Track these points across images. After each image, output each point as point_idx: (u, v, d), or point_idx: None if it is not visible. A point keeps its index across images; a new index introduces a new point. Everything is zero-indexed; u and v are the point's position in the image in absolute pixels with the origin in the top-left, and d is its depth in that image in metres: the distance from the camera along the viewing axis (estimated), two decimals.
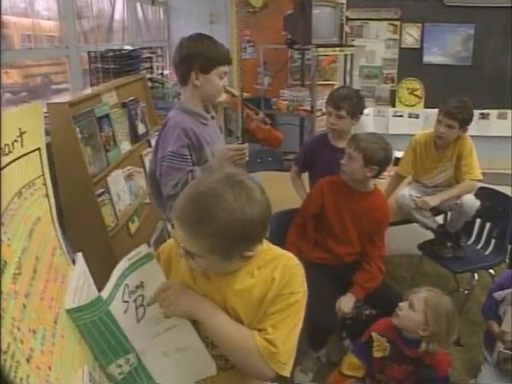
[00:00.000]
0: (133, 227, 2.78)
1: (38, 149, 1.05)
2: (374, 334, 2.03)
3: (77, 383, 0.96)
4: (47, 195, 1.10)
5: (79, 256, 1.22)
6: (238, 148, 1.91)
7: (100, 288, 1.47)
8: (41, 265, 0.98)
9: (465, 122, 2.65)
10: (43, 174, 1.08)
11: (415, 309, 1.91)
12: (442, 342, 1.93)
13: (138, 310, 1.21)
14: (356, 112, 2.50)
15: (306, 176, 2.85)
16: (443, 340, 1.92)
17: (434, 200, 2.69)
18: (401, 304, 1.97)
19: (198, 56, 1.83)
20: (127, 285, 1.19)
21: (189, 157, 1.85)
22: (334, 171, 2.33)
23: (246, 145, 1.95)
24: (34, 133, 1.01)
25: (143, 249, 1.23)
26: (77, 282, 1.16)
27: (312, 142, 2.85)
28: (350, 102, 2.46)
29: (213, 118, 2.05)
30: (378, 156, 2.15)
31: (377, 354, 2.02)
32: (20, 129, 0.96)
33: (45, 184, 1.08)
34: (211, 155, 1.93)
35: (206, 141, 1.91)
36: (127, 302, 1.18)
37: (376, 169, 2.17)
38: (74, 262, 1.21)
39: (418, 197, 2.78)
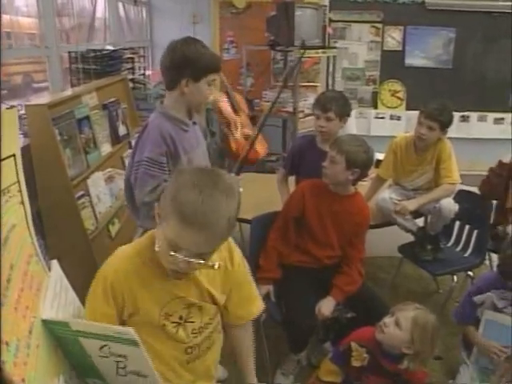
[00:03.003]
0: (113, 230, 2.76)
1: (13, 155, 1.03)
2: (353, 344, 2.00)
3: None
4: (22, 202, 1.08)
5: (54, 263, 1.20)
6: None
7: (80, 293, 1.46)
8: (15, 273, 0.96)
9: (445, 125, 2.67)
10: (18, 181, 1.06)
11: (402, 328, 1.87)
12: (423, 360, 1.92)
13: (118, 368, 1.13)
14: (343, 113, 2.52)
15: (292, 179, 2.84)
16: (426, 358, 1.92)
17: (412, 204, 2.71)
18: (386, 320, 1.92)
19: (190, 64, 1.79)
20: (108, 346, 1.09)
21: (165, 165, 1.82)
22: (320, 175, 2.33)
23: (240, 177, 1.98)
24: (9, 139, 1.00)
25: (130, 333, 1.06)
26: (54, 289, 1.15)
27: (299, 145, 2.83)
28: (337, 104, 2.48)
29: (195, 123, 2.01)
30: (360, 159, 2.15)
31: (355, 363, 2.00)
32: None
33: (20, 191, 1.07)
34: (187, 162, 1.89)
35: (183, 148, 1.88)
36: (106, 357, 1.11)
37: (358, 172, 2.18)
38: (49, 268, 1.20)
39: (399, 200, 2.79)
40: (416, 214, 2.88)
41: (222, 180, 1.13)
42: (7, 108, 2.16)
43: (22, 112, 2.28)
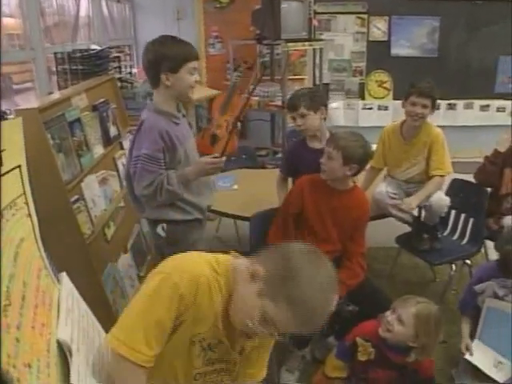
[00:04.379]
0: (109, 233, 2.71)
1: (19, 166, 0.99)
2: (358, 340, 2.01)
3: None
4: (30, 214, 1.04)
5: (64, 276, 1.17)
6: (214, 162, 1.98)
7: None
8: (28, 290, 0.93)
9: (435, 101, 2.69)
10: (24, 193, 1.02)
11: (405, 324, 1.88)
12: (430, 351, 1.93)
13: None
14: (315, 106, 2.48)
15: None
16: (432, 349, 1.93)
17: (414, 201, 2.70)
18: (389, 318, 1.92)
19: (164, 58, 1.87)
20: None
21: (162, 160, 1.92)
22: (317, 173, 2.33)
23: (223, 158, 2.00)
24: (14, 149, 0.96)
25: None
26: (66, 304, 1.11)
27: (291, 147, 2.85)
28: (304, 99, 2.48)
29: (184, 116, 2.10)
30: (357, 154, 2.15)
31: (361, 358, 2.00)
32: None
33: (26, 203, 1.03)
34: (183, 154, 2.00)
35: (178, 140, 1.97)
36: None
37: (355, 167, 2.18)
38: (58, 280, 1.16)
39: (395, 193, 2.80)
40: None
41: (334, 277, 1.16)
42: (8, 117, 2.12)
43: (11, 116, 2.23)
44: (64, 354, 1.00)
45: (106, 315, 2.15)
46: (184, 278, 1.14)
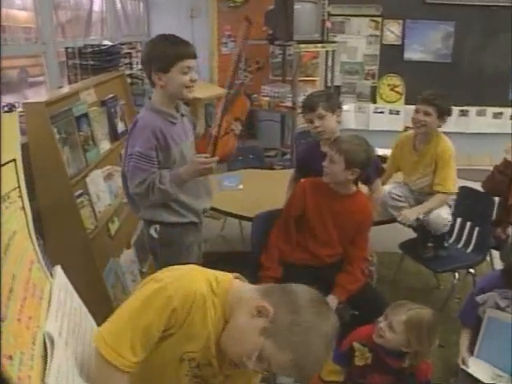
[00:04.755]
0: (113, 228, 2.73)
1: (14, 160, 1.00)
2: (355, 345, 1.99)
3: None
4: (23, 207, 1.05)
5: (58, 269, 1.18)
6: (207, 162, 1.94)
7: (80, 292, 1.41)
8: (17, 283, 0.93)
9: (442, 111, 2.62)
10: (19, 186, 1.03)
11: (396, 332, 1.85)
12: (424, 355, 1.91)
13: None
14: (333, 106, 2.45)
15: None
16: (426, 353, 1.91)
17: (412, 214, 2.67)
18: (380, 324, 1.90)
19: (153, 58, 1.88)
20: None
21: (155, 159, 1.91)
22: None
23: (215, 158, 1.96)
24: (9, 144, 0.97)
25: None
26: (58, 298, 1.12)
27: (304, 151, 2.81)
28: (322, 99, 2.44)
29: (183, 115, 2.07)
30: (359, 159, 2.13)
31: (359, 363, 1.99)
32: None
33: (21, 196, 1.04)
34: (179, 154, 1.98)
35: (173, 141, 1.96)
36: None
37: (357, 171, 2.16)
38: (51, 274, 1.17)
39: (400, 196, 2.78)
40: None
41: (336, 328, 1.16)
42: (6, 111, 2.14)
43: (20, 109, 2.25)
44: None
45: (106, 310, 2.17)
46: (179, 293, 1.12)
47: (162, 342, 1.16)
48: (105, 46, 3.26)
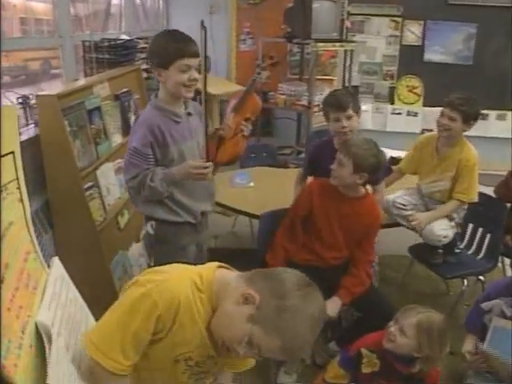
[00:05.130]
0: (122, 221, 2.76)
1: (12, 152, 1.02)
2: (363, 351, 1.97)
3: None
4: (22, 200, 1.07)
5: (55, 260, 1.19)
6: (200, 166, 1.88)
7: (86, 283, 1.42)
8: (10, 272, 0.95)
9: (468, 117, 2.53)
10: (17, 178, 1.05)
11: (407, 335, 1.84)
12: (435, 361, 1.89)
13: None
14: (358, 107, 2.41)
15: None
16: (437, 359, 1.89)
17: (426, 219, 2.63)
18: (391, 329, 1.88)
19: (154, 53, 1.88)
20: None
21: (150, 156, 1.89)
22: None
23: (210, 163, 1.90)
24: (8, 136, 0.99)
25: None
26: (53, 288, 1.14)
27: (316, 147, 2.73)
28: (351, 100, 2.37)
29: (189, 114, 2.02)
30: (368, 163, 2.10)
31: (366, 370, 1.96)
32: None
33: (19, 188, 1.06)
34: (178, 153, 1.95)
35: (173, 139, 1.92)
36: None
37: (366, 176, 2.13)
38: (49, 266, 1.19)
39: (403, 204, 2.73)
40: None
41: (325, 310, 1.20)
42: (20, 103, 2.18)
43: (32, 101, 2.29)
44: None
45: (111, 301, 2.20)
46: (163, 298, 1.11)
47: (153, 346, 1.17)
48: (121, 40, 3.29)
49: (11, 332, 0.87)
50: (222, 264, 1.29)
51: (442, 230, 2.63)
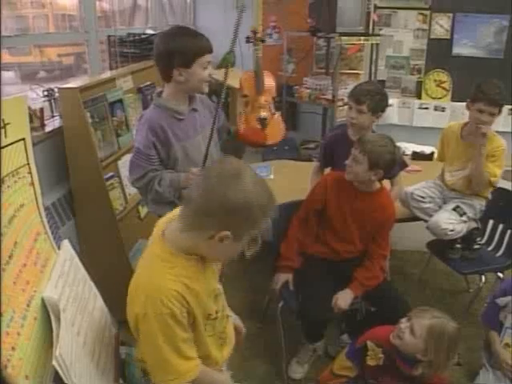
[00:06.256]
0: (142, 211, 2.85)
1: (23, 139, 1.09)
2: (369, 343, 1.96)
3: (48, 362, 1.01)
4: (32, 183, 1.14)
5: (65, 242, 1.27)
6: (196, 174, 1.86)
7: (105, 269, 1.46)
8: (19, 250, 1.02)
9: (502, 107, 2.50)
10: (28, 163, 1.12)
11: (416, 335, 1.81)
12: (439, 369, 1.85)
13: None
14: (377, 109, 2.42)
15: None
16: (441, 368, 1.85)
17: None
18: (402, 325, 1.87)
19: (175, 53, 1.81)
20: None
21: (154, 156, 1.90)
22: None
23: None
24: (19, 123, 1.06)
25: None
26: (61, 268, 1.21)
27: (331, 137, 2.78)
28: (371, 98, 2.39)
29: (195, 110, 2.02)
30: (383, 160, 2.09)
31: (370, 362, 1.96)
32: (3, 120, 1.00)
33: (30, 173, 1.13)
34: (182, 151, 1.95)
35: (176, 137, 1.92)
36: None
37: (381, 172, 2.13)
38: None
39: (421, 196, 2.71)
40: None
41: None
42: (45, 95, 2.28)
43: (57, 94, 2.39)
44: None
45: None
46: (165, 301, 1.16)
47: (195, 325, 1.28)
48: (146, 34, 3.37)
49: (16, 303, 0.95)
50: (155, 227, 1.33)
51: (449, 223, 2.60)
